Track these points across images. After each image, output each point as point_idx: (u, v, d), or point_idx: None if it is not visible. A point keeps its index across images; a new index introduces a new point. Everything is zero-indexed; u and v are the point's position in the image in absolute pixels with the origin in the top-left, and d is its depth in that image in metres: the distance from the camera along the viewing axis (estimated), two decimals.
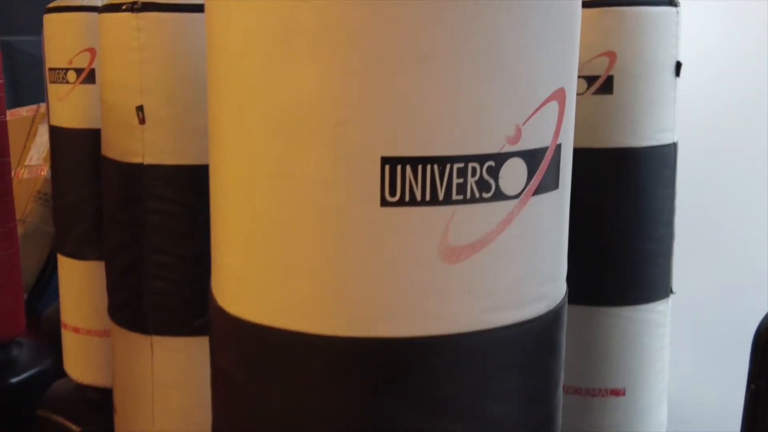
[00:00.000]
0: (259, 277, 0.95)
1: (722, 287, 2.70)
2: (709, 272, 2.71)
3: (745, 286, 2.41)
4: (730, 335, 2.22)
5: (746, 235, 2.67)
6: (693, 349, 2.78)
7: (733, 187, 2.70)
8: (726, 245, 2.72)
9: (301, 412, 0.94)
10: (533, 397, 0.99)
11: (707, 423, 2.81)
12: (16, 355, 3.12)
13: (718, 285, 2.72)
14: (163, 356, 2.04)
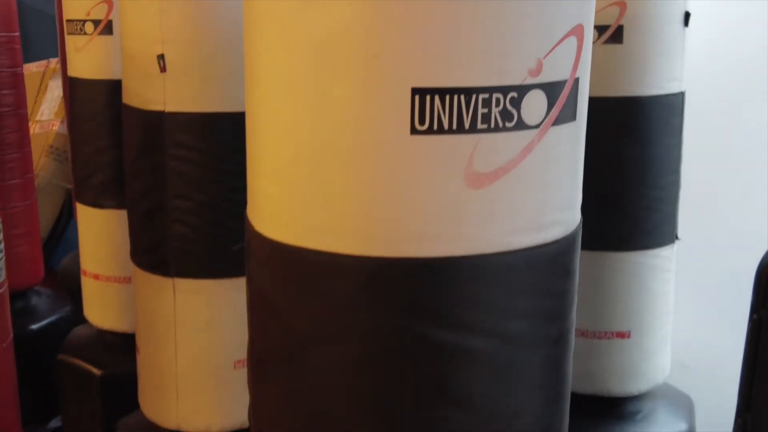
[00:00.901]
0: (294, 201, 1.01)
1: (723, 235, 2.77)
2: (710, 220, 2.78)
3: (746, 234, 2.47)
4: (732, 283, 2.29)
5: (747, 187, 2.72)
6: (695, 297, 2.85)
7: (736, 137, 2.75)
8: (728, 194, 2.78)
9: (332, 328, 1.01)
10: (550, 316, 1.06)
11: (709, 369, 2.89)
12: (35, 303, 3.20)
13: (719, 233, 2.79)
14: (184, 298, 2.12)
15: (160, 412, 2.19)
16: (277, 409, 1.09)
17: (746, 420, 1.41)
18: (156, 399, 2.20)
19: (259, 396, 1.14)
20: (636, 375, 2.28)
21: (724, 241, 2.77)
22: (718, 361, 2.67)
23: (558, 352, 1.09)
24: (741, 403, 1.42)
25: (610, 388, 2.29)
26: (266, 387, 1.11)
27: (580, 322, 2.24)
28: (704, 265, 2.80)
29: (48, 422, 3.10)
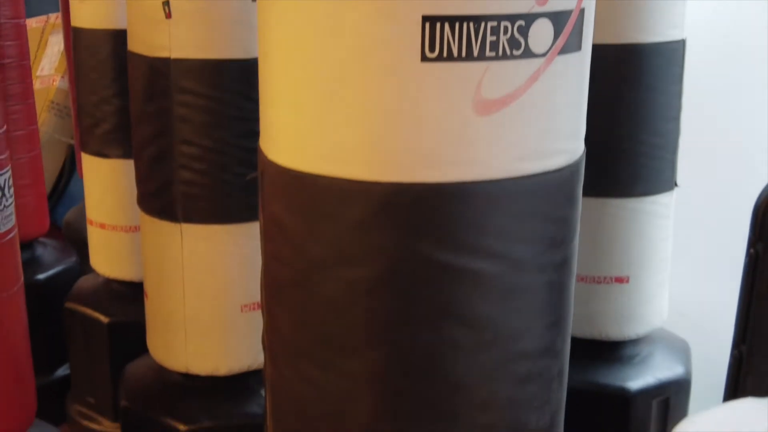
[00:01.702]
0: (307, 129, 1.04)
1: (722, 183, 2.80)
2: (709, 168, 2.81)
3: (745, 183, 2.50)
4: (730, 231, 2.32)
5: (746, 135, 2.75)
6: (693, 244, 2.89)
7: (735, 85, 2.77)
8: (727, 142, 2.80)
9: (344, 251, 1.05)
10: (553, 242, 1.09)
11: (705, 317, 2.94)
12: (41, 253, 3.23)
13: (718, 181, 2.82)
14: (192, 243, 2.15)
15: (169, 354, 2.23)
16: (290, 332, 1.13)
17: (741, 351, 1.45)
18: (165, 342, 2.25)
19: (272, 321, 1.18)
20: (634, 319, 2.33)
21: (723, 189, 2.81)
22: (715, 309, 2.71)
23: (561, 277, 1.13)
24: (737, 335, 1.47)
25: (608, 332, 2.33)
26: (280, 312, 1.15)
27: (579, 267, 2.28)
28: (703, 212, 2.83)
29: (55, 371, 3.16)
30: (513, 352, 1.09)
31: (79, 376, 2.93)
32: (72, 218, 3.81)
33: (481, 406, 1.09)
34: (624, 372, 2.34)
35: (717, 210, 2.84)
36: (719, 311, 2.53)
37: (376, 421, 1.08)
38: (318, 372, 1.10)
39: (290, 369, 1.14)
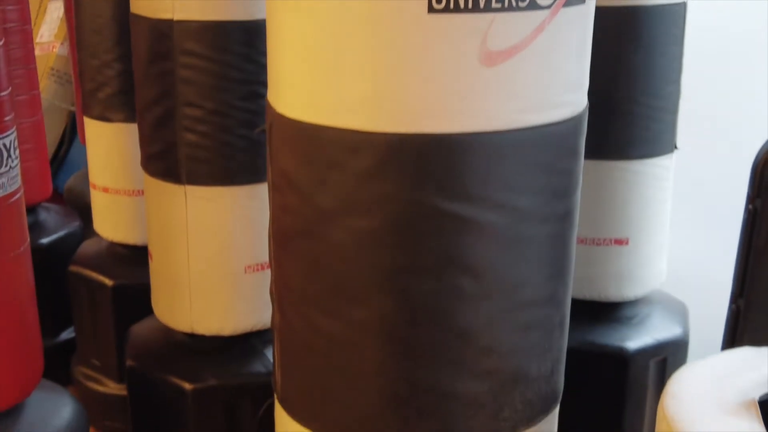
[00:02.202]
0: (315, 81, 1.06)
1: (722, 147, 2.81)
2: (709, 131, 2.82)
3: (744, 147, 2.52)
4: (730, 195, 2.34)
5: (746, 98, 2.76)
6: (693, 208, 2.91)
7: (735, 47, 2.78)
8: (727, 105, 2.81)
9: (351, 201, 1.07)
10: (556, 193, 1.12)
11: (703, 281, 2.96)
12: (44, 218, 3.25)
13: (718, 144, 2.83)
14: (196, 205, 2.17)
15: (174, 315, 2.26)
16: (298, 282, 1.16)
17: (739, 305, 1.48)
18: (169, 303, 2.27)
19: (281, 272, 1.20)
20: (633, 280, 2.36)
21: (722, 153, 2.82)
22: (713, 272, 2.74)
23: (563, 228, 1.15)
24: (734, 290, 1.49)
25: (607, 293, 2.36)
26: (288, 262, 1.17)
27: (579, 229, 2.31)
28: (702, 175, 2.85)
29: (59, 334, 3.19)
30: (516, 300, 1.12)
31: (84, 339, 2.96)
32: (73, 184, 3.83)
33: (484, 352, 1.12)
34: (622, 332, 2.37)
35: (716, 173, 2.86)
36: (717, 274, 2.56)
37: (382, 368, 1.11)
38: (326, 320, 1.13)
39: (298, 318, 1.17)
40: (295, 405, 1.21)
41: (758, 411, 1.02)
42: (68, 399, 2.25)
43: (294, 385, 1.21)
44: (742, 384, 1.07)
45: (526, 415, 1.18)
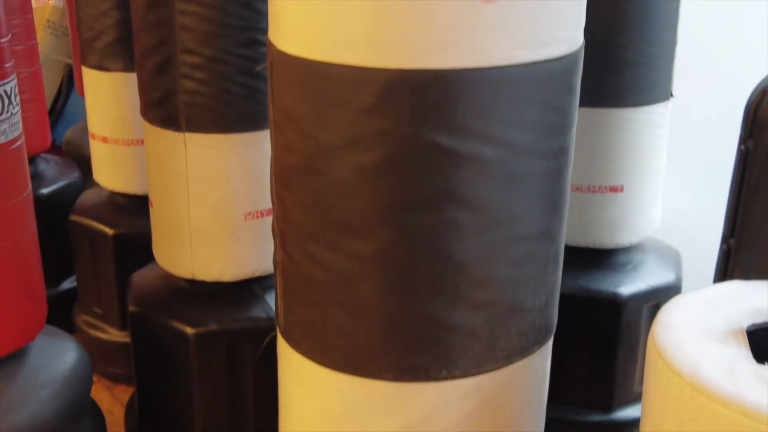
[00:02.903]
0: (315, 18, 1.07)
1: (717, 95, 2.83)
2: (704, 79, 2.83)
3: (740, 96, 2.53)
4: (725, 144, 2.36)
5: (743, 46, 2.77)
6: (688, 156, 2.94)
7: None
8: (723, 52, 2.82)
9: (352, 136, 1.09)
10: (552, 130, 1.14)
11: (697, 229, 2.99)
12: (43, 168, 3.27)
13: (713, 92, 2.85)
14: (195, 152, 2.19)
15: (175, 262, 2.29)
16: (300, 218, 1.18)
17: (730, 245, 1.51)
18: (170, 250, 2.30)
19: (283, 208, 1.23)
20: (627, 227, 2.39)
21: (718, 101, 2.84)
22: (707, 222, 2.77)
23: (558, 164, 1.18)
24: (726, 229, 1.52)
25: (602, 240, 2.40)
26: (290, 199, 1.20)
27: (574, 177, 2.34)
28: (697, 124, 2.87)
29: (61, 283, 3.23)
30: (512, 234, 1.15)
31: (86, 288, 3.00)
32: (72, 136, 3.84)
33: (480, 284, 1.15)
34: (616, 278, 2.41)
35: (712, 122, 2.88)
36: (711, 224, 2.58)
37: (382, 299, 1.14)
38: (327, 254, 1.16)
39: (300, 253, 1.20)
40: (297, 337, 1.24)
41: (746, 339, 1.05)
42: (72, 344, 2.30)
43: (296, 319, 1.24)
44: (730, 314, 1.11)
45: (520, 346, 1.21)
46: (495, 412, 1.22)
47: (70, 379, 2.15)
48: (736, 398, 0.93)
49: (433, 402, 1.18)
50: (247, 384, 2.28)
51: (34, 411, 2.04)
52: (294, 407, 1.31)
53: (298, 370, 1.26)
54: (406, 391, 1.18)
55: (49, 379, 2.13)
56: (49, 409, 2.06)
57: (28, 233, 2.11)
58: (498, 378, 1.20)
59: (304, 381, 1.26)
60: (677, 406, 0.99)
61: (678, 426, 1.00)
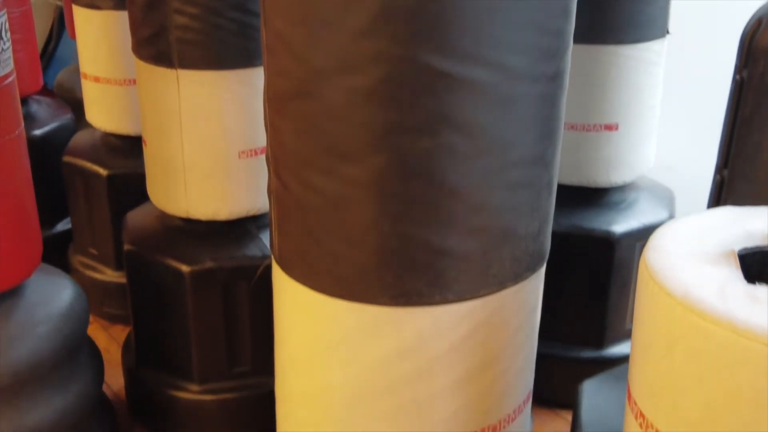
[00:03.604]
0: None
1: (714, 34, 2.81)
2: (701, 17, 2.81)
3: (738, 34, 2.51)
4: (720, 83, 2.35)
5: None
6: (683, 96, 2.93)
7: None
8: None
9: (345, 59, 1.08)
10: (546, 53, 1.13)
11: (691, 170, 3.00)
12: (36, 110, 3.25)
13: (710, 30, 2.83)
14: (188, 89, 2.17)
15: (170, 200, 2.29)
16: (294, 143, 1.18)
17: (723, 176, 1.52)
18: (165, 188, 2.30)
19: (276, 135, 1.22)
20: (622, 166, 2.40)
21: (716, 39, 2.82)
22: (702, 162, 2.77)
23: (553, 89, 1.17)
24: (719, 160, 1.53)
25: (596, 179, 2.40)
26: (283, 124, 1.19)
27: (569, 115, 2.33)
28: (693, 62, 2.86)
29: (55, 225, 3.23)
30: (506, 159, 1.15)
31: (81, 229, 3.00)
32: (63, 79, 3.81)
33: (474, 210, 1.15)
34: (610, 216, 2.42)
35: (708, 60, 2.86)
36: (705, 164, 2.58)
37: (376, 224, 1.15)
38: (321, 180, 1.16)
39: (295, 180, 1.20)
40: (292, 264, 1.25)
41: (737, 261, 1.06)
42: (68, 282, 2.31)
43: (291, 246, 1.25)
44: (723, 238, 1.11)
45: (513, 272, 1.22)
46: (488, 337, 1.23)
47: (67, 316, 2.16)
48: (726, 316, 0.94)
49: (427, 326, 1.19)
50: (243, 321, 2.30)
51: (32, 347, 2.06)
52: (289, 334, 1.32)
53: (293, 296, 1.27)
54: (399, 316, 1.19)
55: (46, 316, 2.14)
56: (46, 345, 2.08)
57: (21, 171, 2.10)
58: (491, 303, 1.22)
59: (298, 307, 1.27)
60: (668, 326, 1.00)
61: (668, 346, 1.01)
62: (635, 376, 1.10)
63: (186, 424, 2.39)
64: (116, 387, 2.62)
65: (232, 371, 2.35)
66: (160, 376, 2.40)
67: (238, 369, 2.35)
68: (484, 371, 1.26)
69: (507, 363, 1.28)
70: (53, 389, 2.11)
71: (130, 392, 2.53)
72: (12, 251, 2.05)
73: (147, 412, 2.47)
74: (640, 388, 1.09)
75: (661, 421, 1.04)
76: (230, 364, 2.34)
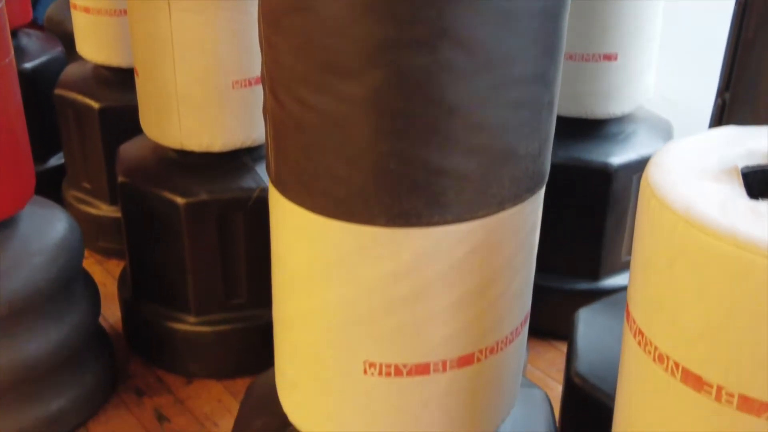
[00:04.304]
0: None
1: None
2: None
3: None
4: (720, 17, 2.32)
5: None
6: (682, 30, 2.90)
7: None
8: None
9: None
10: None
11: (689, 103, 2.98)
12: (26, 43, 3.20)
13: None
14: (180, 18, 2.13)
15: (163, 132, 2.27)
16: (289, 61, 1.16)
17: (725, 99, 1.50)
18: (158, 120, 2.27)
19: (272, 52, 1.20)
20: (620, 97, 2.37)
21: None
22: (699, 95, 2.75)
23: (555, 5, 1.14)
24: (721, 83, 1.51)
25: (594, 110, 2.38)
26: (279, 41, 1.16)
27: (568, 45, 2.30)
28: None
29: (48, 160, 3.20)
30: (506, 77, 1.13)
31: (74, 163, 2.98)
32: (53, 13, 3.75)
33: (474, 129, 1.13)
34: (607, 148, 2.41)
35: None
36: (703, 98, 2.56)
37: (374, 143, 1.13)
38: (318, 97, 1.13)
39: (291, 98, 1.17)
40: (289, 185, 1.23)
41: (740, 177, 1.05)
42: (62, 214, 2.29)
43: (287, 166, 1.23)
44: (725, 156, 1.10)
45: (512, 193, 1.21)
46: (486, 259, 1.22)
47: (61, 247, 2.15)
48: (729, 230, 0.93)
49: (425, 247, 1.18)
50: (239, 253, 2.29)
51: (27, 277, 2.05)
52: (286, 257, 1.31)
53: (290, 218, 1.26)
54: (398, 237, 1.18)
55: (41, 247, 2.13)
56: (41, 276, 2.08)
57: (12, 100, 2.07)
58: (490, 224, 1.20)
59: (296, 229, 1.26)
60: (669, 241, 1.00)
61: (669, 262, 1.00)
62: (634, 294, 1.10)
63: (183, 356, 2.40)
64: (113, 320, 2.63)
65: (229, 303, 2.35)
66: (156, 308, 2.40)
67: (234, 301, 2.35)
68: (482, 293, 1.25)
69: (505, 285, 1.28)
70: (49, 320, 2.12)
71: (127, 325, 2.54)
72: (4, 182, 2.03)
73: (144, 344, 2.48)
74: (639, 306, 1.08)
75: (660, 337, 1.04)
76: (227, 296, 2.34)
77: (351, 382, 1.30)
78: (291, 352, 1.39)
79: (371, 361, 1.27)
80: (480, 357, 1.31)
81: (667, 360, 1.03)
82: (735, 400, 0.97)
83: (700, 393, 0.99)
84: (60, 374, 2.18)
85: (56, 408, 2.16)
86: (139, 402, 2.32)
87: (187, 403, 2.31)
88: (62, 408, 2.17)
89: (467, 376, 1.31)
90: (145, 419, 2.26)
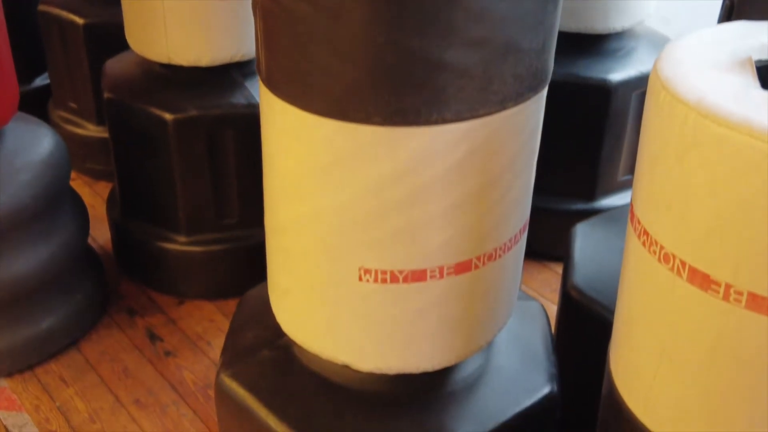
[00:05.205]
0: None
1: None
2: None
3: None
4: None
5: None
6: None
7: None
8: None
9: None
10: None
11: (690, 20, 2.92)
12: None
13: None
14: None
15: (150, 46, 2.19)
16: None
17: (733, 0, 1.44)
18: (144, 34, 2.19)
19: None
20: (620, 11, 2.30)
21: None
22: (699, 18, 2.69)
23: None
24: None
25: (594, 25, 2.31)
26: None
27: None
28: None
29: (33, 80, 3.12)
30: None
31: (59, 82, 2.90)
32: None
33: (475, 19, 1.08)
34: (607, 65, 2.35)
35: None
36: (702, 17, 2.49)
37: (369, 34, 1.07)
38: None
39: None
40: (281, 84, 1.18)
41: (754, 68, 1.00)
42: (47, 130, 2.24)
43: (279, 63, 1.17)
44: (737, 48, 1.05)
45: (515, 91, 1.16)
46: (486, 160, 1.18)
47: (47, 164, 2.10)
48: (743, 120, 0.89)
49: (424, 147, 1.14)
50: (230, 171, 2.24)
51: (12, 194, 2.01)
52: (278, 161, 1.27)
53: (283, 118, 1.21)
54: (395, 136, 1.13)
55: (26, 164, 2.08)
56: (27, 193, 2.03)
57: None
58: (491, 123, 1.16)
59: (288, 130, 1.21)
60: (680, 135, 0.95)
61: (679, 156, 0.96)
62: (640, 193, 1.06)
63: (173, 276, 2.37)
64: (102, 240, 2.59)
65: (220, 223, 2.31)
66: (146, 228, 2.36)
67: (225, 221, 2.31)
68: (481, 197, 1.21)
69: (504, 189, 1.24)
70: (36, 238, 2.08)
71: (116, 245, 2.50)
72: None
73: (134, 265, 2.45)
74: (645, 205, 1.04)
75: (667, 236, 1.00)
76: (218, 216, 2.30)
77: (346, 290, 1.27)
78: (284, 261, 1.35)
79: (366, 268, 1.24)
80: (477, 264, 1.27)
81: (673, 259, 1.00)
82: (744, 299, 0.94)
83: (707, 292, 0.96)
84: (49, 293, 2.14)
85: (46, 327, 2.13)
86: (132, 322, 2.29)
87: (180, 323, 2.29)
88: (52, 327, 2.14)
89: (464, 283, 1.28)
90: (137, 339, 2.23)
